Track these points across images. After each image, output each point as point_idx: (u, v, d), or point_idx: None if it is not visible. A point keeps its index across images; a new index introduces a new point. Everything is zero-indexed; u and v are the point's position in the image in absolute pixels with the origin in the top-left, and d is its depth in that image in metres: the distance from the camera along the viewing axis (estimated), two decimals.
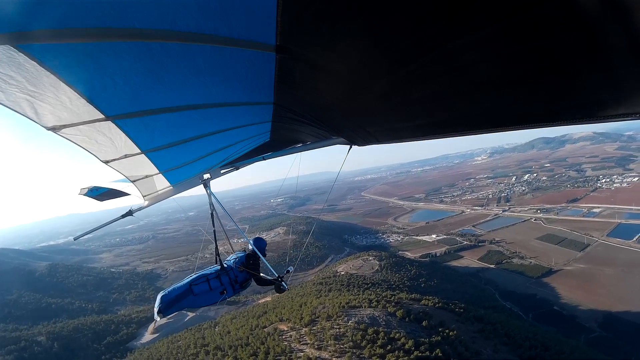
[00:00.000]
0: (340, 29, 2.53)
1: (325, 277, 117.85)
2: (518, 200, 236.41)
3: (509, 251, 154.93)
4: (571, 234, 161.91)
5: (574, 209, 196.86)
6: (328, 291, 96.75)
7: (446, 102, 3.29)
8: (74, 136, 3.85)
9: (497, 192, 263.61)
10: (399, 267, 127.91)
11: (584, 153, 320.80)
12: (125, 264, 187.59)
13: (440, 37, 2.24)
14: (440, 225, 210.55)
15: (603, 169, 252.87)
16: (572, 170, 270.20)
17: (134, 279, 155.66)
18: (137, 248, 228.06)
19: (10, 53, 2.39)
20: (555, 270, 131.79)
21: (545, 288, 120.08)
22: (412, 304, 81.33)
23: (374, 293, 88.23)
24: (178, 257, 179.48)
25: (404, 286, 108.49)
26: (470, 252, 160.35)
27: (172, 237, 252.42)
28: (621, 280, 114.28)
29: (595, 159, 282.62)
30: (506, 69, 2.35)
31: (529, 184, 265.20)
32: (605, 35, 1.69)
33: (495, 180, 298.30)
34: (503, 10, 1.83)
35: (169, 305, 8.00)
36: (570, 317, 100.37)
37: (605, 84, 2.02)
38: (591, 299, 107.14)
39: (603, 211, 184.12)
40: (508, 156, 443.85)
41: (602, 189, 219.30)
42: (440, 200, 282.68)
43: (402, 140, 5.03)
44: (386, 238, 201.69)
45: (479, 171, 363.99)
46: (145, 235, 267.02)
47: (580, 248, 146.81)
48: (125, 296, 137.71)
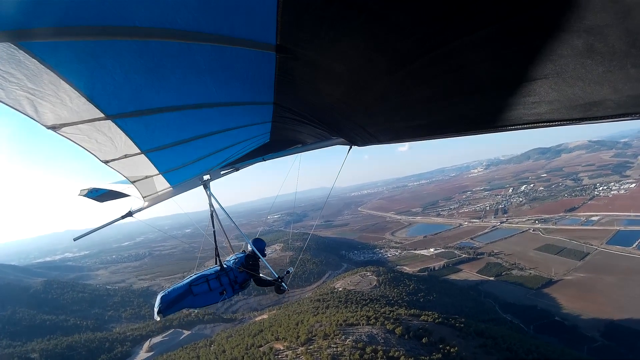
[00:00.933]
0: (340, 29, 2.54)
1: (323, 293, 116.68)
2: (515, 211, 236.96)
3: (508, 263, 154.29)
4: (570, 243, 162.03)
5: (572, 218, 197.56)
6: (325, 308, 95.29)
7: (446, 102, 3.28)
8: (74, 135, 3.84)
9: (494, 203, 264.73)
10: (397, 282, 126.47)
11: (580, 162, 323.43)
12: (121, 281, 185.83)
13: (441, 37, 2.25)
14: (437, 239, 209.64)
15: (600, 177, 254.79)
16: (569, 179, 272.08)
17: (130, 296, 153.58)
18: (133, 265, 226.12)
19: (10, 50, 2.39)
20: (555, 281, 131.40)
21: (545, 299, 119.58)
22: (411, 319, 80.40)
23: (372, 309, 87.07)
24: (174, 275, 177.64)
25: (402, 301, 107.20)
26: (469, 265, 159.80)
27: (169, 254, 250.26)
28: (622, 287, 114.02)
29: (592, 167, 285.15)
30: (506, 69, 2.35)
31: (525, 194, 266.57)
32: (605, 36, 1.68)
33: (492, 192, 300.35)
34: (502, 11, 1.85)
35: (169, 306, 7.92)
36: (572, 328, 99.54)
37: (605, 84, 2.00)
38: (592, 308, 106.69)
39: (601, 219, 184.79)
40: (504, 168, 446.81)
41: (599, 196, 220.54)
42: (437, 213, 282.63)
43: (402, 140, 5.01)
44: (384, 253, 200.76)
45: (475, 183, 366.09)
46: (141, 252, 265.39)
47: (579, 257, 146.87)
48: (121, 313, 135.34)
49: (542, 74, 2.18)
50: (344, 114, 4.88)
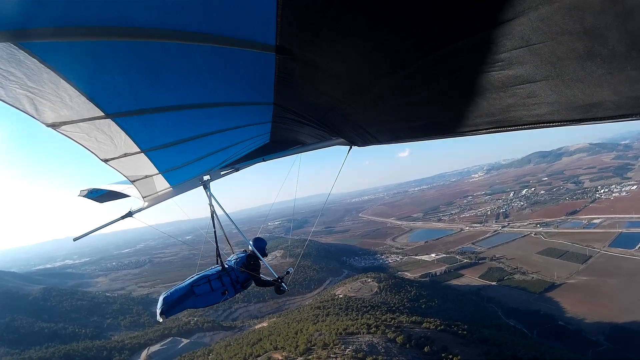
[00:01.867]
0: (340, 30, 2.55)
1: (323, 300, 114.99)
2: (517, 215, 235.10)
3: (510, 267, 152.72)
4: (572, 247, 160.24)
5: (574, 221, 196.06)
6: (325, 316, 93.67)
7: (447, 103, 3.29)
8: (74, 133, 3.86)
9: (495, 208, 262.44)
10: (398, 288, 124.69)
11: (581, 165, 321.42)
12: (120, 288, 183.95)
13: (441, 38, 2.26)
14: (439, 244, 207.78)
15: (601, 179, 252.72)
16: (570, 182, 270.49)
17: (129, 303, 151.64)
18: (133, 272, 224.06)
19: (11, 50, 2.40)
20: (558, 285, 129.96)
21: (549, 303, 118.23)
22: (412, 327, 79.11)
23: (372, 317, 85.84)
24: (174, 282, 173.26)
25: (404, 308, 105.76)
26: (471, 270, 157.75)
27: (169, 261, 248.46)
28: (625, 290, 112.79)
29: (593, 170, 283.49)
30: (507, 70, 2.34)
31: (527, 198, 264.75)
32: (605, 39, 1.68)
33: (493, 197, 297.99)
34: (501, 14, 1.85)
35: (171, 307, 7.90)
36: (576, 332, 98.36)
37: (605, 86, 2.00)
38: (596, 312, 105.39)
39: (603, 221, 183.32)
40: (505, 172, 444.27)
41: (601, 199, 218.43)
42: (438, 218, 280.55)
43: (402, 141, 5.02)
44: (385, 259, 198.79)
45: (476, 188, 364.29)
46: (141, 259, 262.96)
47: (582, 260, 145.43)
48: (120, 321, 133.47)
49: (542, 76, 2.18)
50: (344, 114, 4.88)
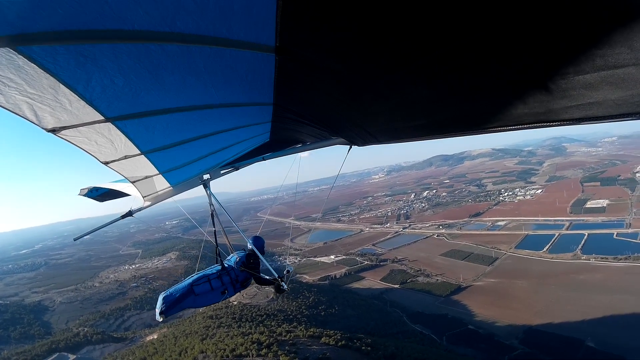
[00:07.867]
0: (339, 30, 2.58)
1: (217, 308, 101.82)
2: (418, 217, 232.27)
3: (413, 269, 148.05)
4: (477, 248, 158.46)
5: (478, 223, 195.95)
6: (217, 327, 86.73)
7: (446, 103, 3.37)
8: (74, 138, 3.85)
9: (396, 209, 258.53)
10: (296, 294, 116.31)
11: (484, 169, 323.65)
12: (14, 294, 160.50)
13: (440, 38, 2.28)
14: (338, 245, 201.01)
15: (504, 183, 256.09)
16: (473, 185, 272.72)
17: (21, 312, 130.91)
18: (28, 276, 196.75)
19: (9, 56, 2.39)
20: (464, 287, 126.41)
21: (456, 306, 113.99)
22: (310, 344, 73.81)
23: (267, 330, 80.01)
24: (67, 287, 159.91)
25: (302, 316, 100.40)
26: (372, 272, 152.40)
27: (65, 263, 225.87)
28: (536, 292, 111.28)
29: (496, 174, 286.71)
30: (507, 71, 2.42)
31: (428, 200, 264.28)
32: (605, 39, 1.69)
33: (394, 198, 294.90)
34: (500, 13, 1.86)
35: (171, 306, 7.83)
36: (488, 336, 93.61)
37: (606, 84, 2.00)
38: (507, 315, 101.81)
39: (508, 224, 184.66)
40: (406, 174, 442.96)
41: (505, 202, 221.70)
42: (337, 219, 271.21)
43: (402, 140, 5.12)
44: (282, 261, 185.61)
45: (376, 189, 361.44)
46: (38, 261, 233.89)
47: (488, 262, 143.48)
48: (10, 333, 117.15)
49: (542, 77, 2.22)
50: (343, 114, 4.95)
